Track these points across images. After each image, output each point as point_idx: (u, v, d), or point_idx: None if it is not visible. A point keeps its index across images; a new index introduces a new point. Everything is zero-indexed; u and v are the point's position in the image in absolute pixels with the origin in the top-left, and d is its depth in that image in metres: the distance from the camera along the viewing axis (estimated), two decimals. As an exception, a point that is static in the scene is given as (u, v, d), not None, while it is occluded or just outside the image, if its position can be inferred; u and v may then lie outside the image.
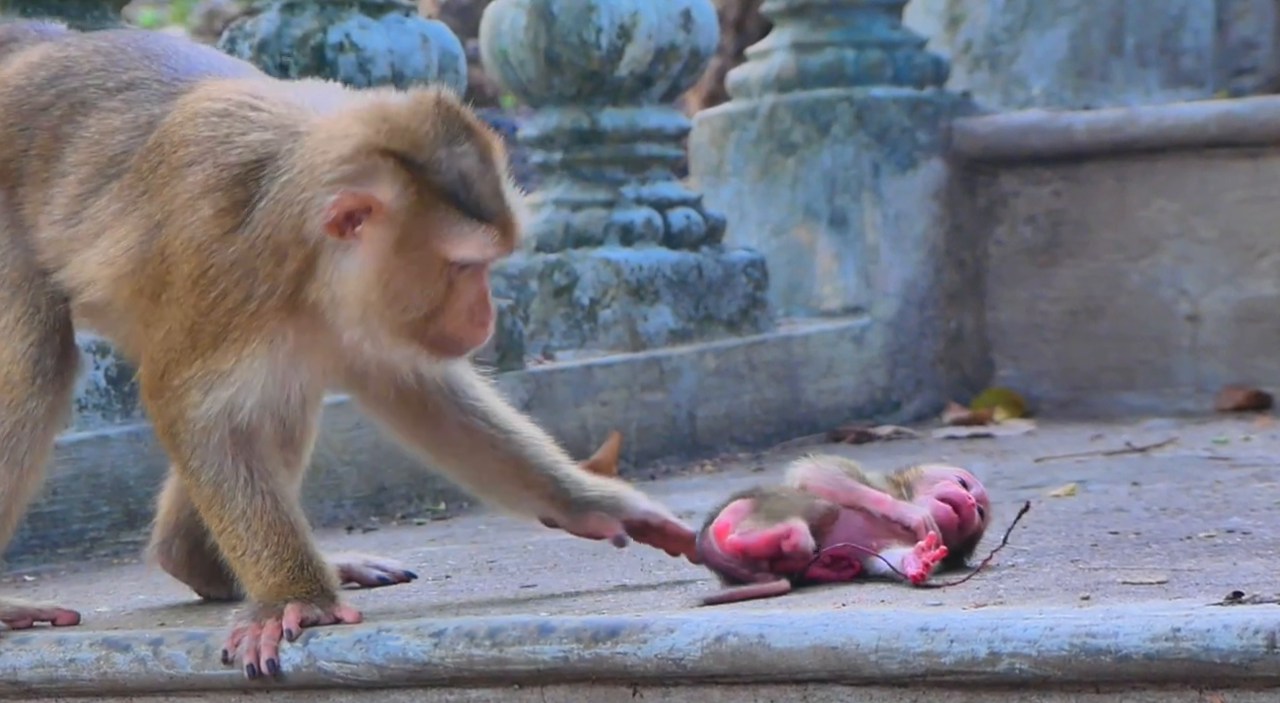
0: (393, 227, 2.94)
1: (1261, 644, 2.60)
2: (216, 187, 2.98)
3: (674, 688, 2.86)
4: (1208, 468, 4.35)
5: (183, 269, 2.99)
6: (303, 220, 2.96)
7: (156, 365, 3.04)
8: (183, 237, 2.99)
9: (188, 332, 3.00)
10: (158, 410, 3.05)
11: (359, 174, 2.94)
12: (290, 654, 3.00)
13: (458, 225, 2.95)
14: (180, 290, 3.00)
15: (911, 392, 5.62)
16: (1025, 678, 2.70)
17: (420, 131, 2.95)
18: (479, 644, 2.93)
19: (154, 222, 3.02)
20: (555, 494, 3.22)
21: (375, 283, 2.95)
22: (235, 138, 3.00)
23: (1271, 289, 5.41)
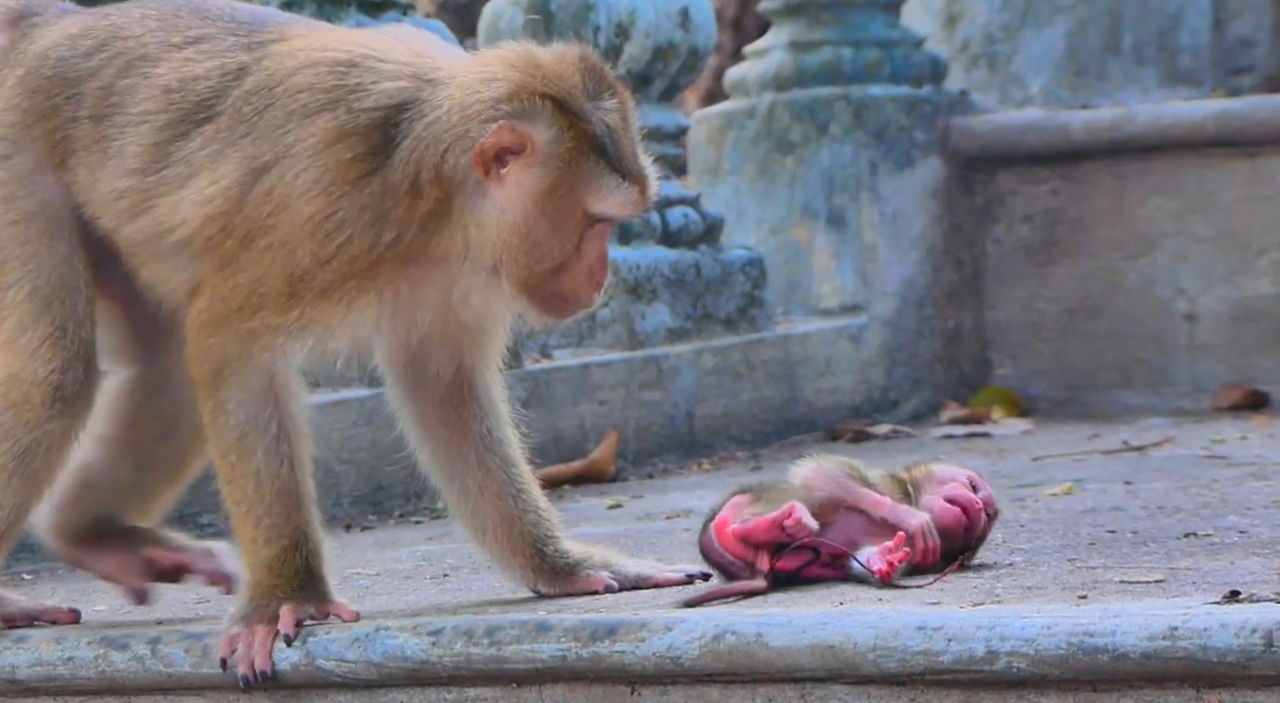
0: (543, 171, 2.94)
1: (1259, 643, 2.60)
2: (353, 131, 2.95)
3: (672, 687, 2.86)
4: (1205, 467, 4.35)
5: (302, 212, 2.95)
6: (446, 159, 2.94)
7: (228, 304, 2.99)
8: (305, 180, 2.96)
9: (289, 279, 2.96)
10: (209, 346, 3.00)
11: (517, 113, 2.93)
12: (288, 653, 3.00)
13: (604, 178, 2.96)
14: (293, 235, 2.96)
15: (909, 390, 5.62)
16: (1023, 677, 2.71)
17: (573, 81, 2.96)
18: (477, 643, 2.93)
19: (260, 163, 2.99)
20: (540, 567, 3.20)
21: (517, 226, 2.95)
22: (369, 86, 2.98)
23: (1269, 288, 5.41)
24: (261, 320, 2.99)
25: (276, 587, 3.01)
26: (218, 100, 3.03)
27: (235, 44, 3.06)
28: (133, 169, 3.05)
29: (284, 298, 2.98)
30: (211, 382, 3.02)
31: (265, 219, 2.98)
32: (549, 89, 2.95)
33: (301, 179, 2.96)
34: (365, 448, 4.55)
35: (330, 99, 2.98)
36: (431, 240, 2.97)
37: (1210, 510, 3.73)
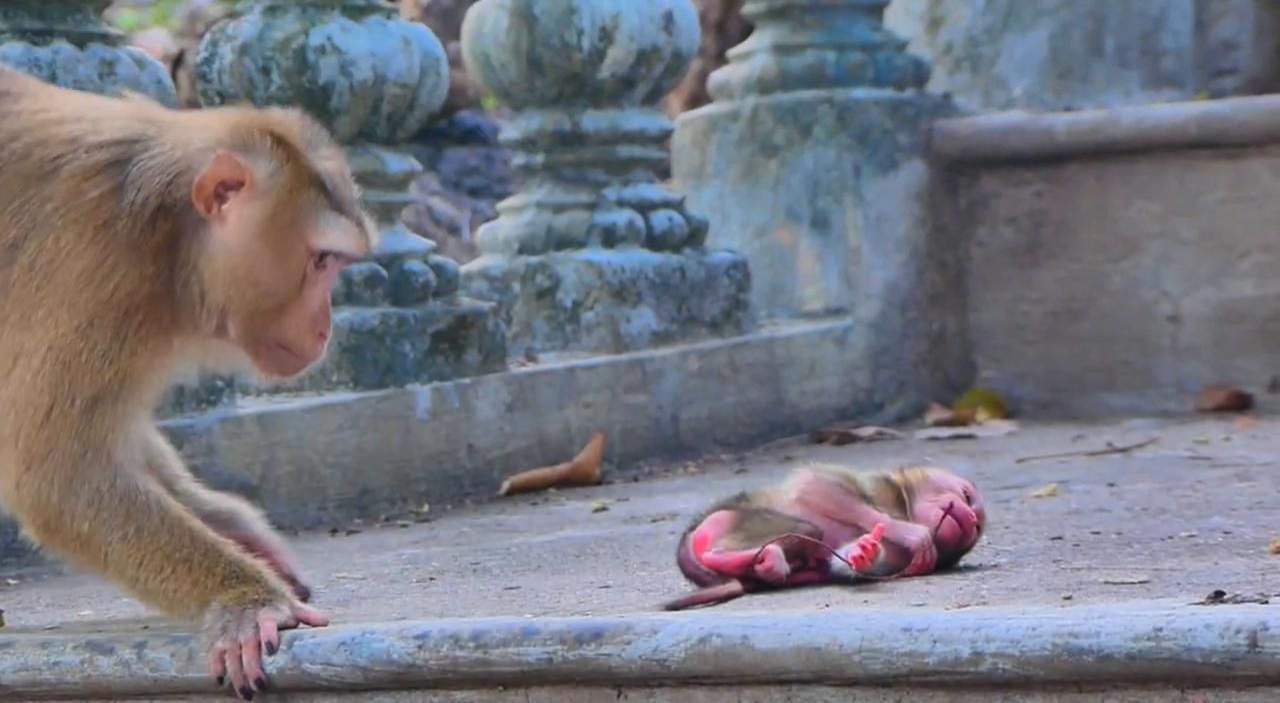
0: (263, 204, 2.96)
1: (1243, 644, 2.61)
2: (93, 171, 2.95)
3: (658, 689, 2.86)
4: (1189, 468, 4.36)
5: (73, 269, 2.93)
6: (170, 191, 2.95)
7: (39, 409, 2.93)
8: (68, 238, 2.94)
9: (81, 332, 2.92)
10: (46, 470, 2.93)
11: (237, 146, 2.96)
12: (274, 658, 3.00)
13: (324, 213, 2.98)
14: (69, 292, 2.93)
15: (894, 393, 5.63)
16: (1008, 678, 2.71)
17: (293, 125, 3.00)
18: (463, 646, 2.93)
19: (11, 237, 2.96)
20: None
21: (238, 263, 2.95)
22: (101, 128, 2.97)
23: (1251, 290, 5.42)
24: (85, 395, 2.93)
25: (240, 597, 2.99)
26: None
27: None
28: None
29: (89, 357, 2.93)
30: (71, 493, 2.95)
31: (36, 293, 2.94)
32: (269, 126, 2.98)
33: (61, 239, 2.94)
34: (351, 452, 4.55)
35: (64, 152, 2.96)
36: (177, 282, 2.97)
37: (1194, 511, 3.73)
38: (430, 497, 4.61)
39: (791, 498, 3.14)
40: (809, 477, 3.15)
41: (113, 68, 4.44)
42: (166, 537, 2.98)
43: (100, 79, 4.46)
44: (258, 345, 3.01)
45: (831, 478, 3.15)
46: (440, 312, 4.75)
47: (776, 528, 3.10)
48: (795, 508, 3.13)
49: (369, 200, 4.81)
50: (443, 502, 4.60)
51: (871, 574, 3.04)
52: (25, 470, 2.96)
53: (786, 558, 3.08)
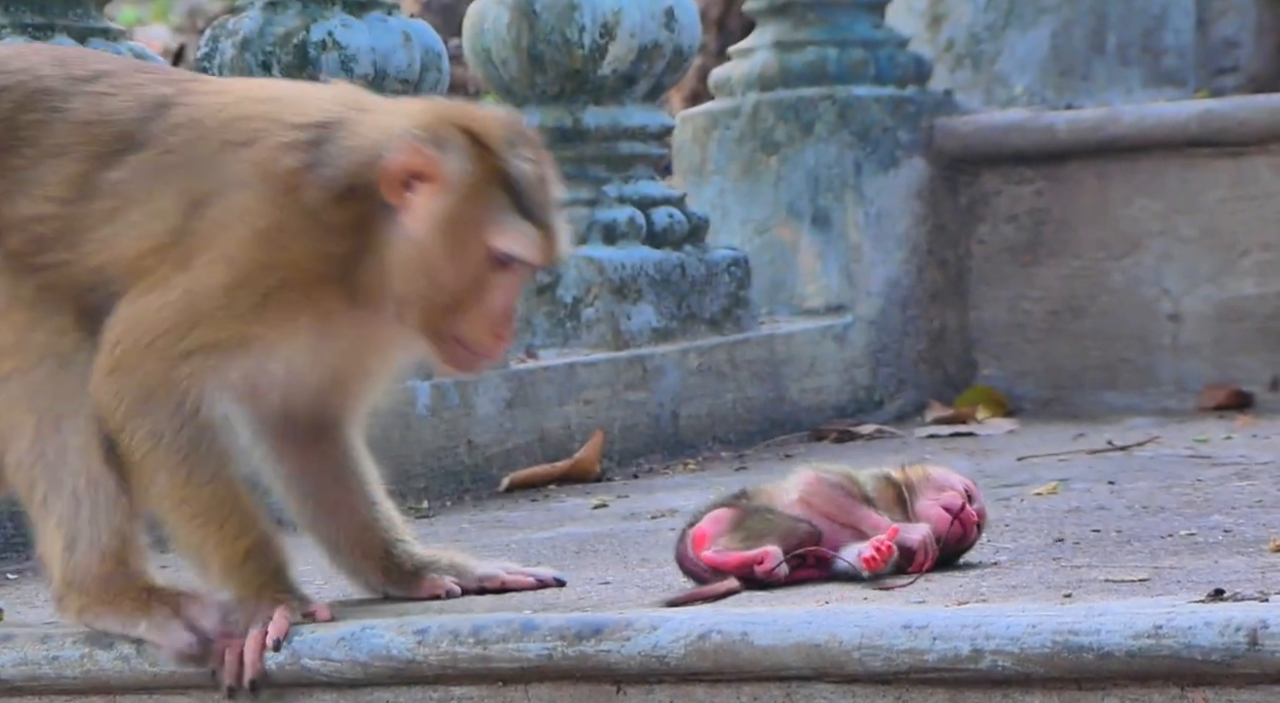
0: (448, 199, 2.95)
1: (1243, 642, 2.61)
2: (290, 146, 2.97)
3: (657, 686, 2.86)
4: (1189, 467, 4.36)
5: (249, 226, 2.95)
6: (361, 174, 2.95)
7: (153, 329, 2.97)
8: (249, 197, 2.96)
9: (228, 288, 2.95)
10: (131, 380, 2.97)
11: (430, 139, 2.95)
12: (274, 654, 3.00)
13: (510, 218, 2.96)
14: (237, 247, 2.95)
15: (894, 391, 5.63)
16: (1008, 675, 2.71)
17: (493, 124, 2.99)
18: (463, 642, 2.93)
19: (200, 194, 2.99)
20: (388, 569, 3.22)
21: (419, 254, 2.95)
22: (300, 109, 3.01)
23: (1252, 288, 5.42)
24: (194, 339, 2.97)
25: (255, 591, 2.99)
26: (140, 130, 3.03)
27: (149, 79, 3.08)
28: (54, 197, 3.04)
29: (221, 310, 2.96)
30: (137, 414, 2.99)
31: (206, 241, 2.98)
32: (466, 123, 2.98)
33: (245, 197, 2.97)
34: (350, 448, 4.54)
35: (265, 125, 3.00)
36: (359, 264, 2.98)
37: (1194, 510, 3.73)
38: (430, 493, 4.61)
39: (793, 498, 3.14)
40: (811, 477, 3.15)
41: (113, 62, 4.43)
42: (210, 492, 2.98)
43: (101, 74, 4.45)
44: (437, 337, 3.00)
45: (833, 478, 3.14)
46: (440, 308, 4.75)
47: (776, 527, 3.09)
48: (796, 507, 3.12)
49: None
50: (442, 498, 4.60)
51: (880, 575, 3.04)
52: (108, 374, 3.00)
53: (786, 556, 3.08)
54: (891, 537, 3.05)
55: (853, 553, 3.07)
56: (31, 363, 3.03)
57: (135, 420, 2.99)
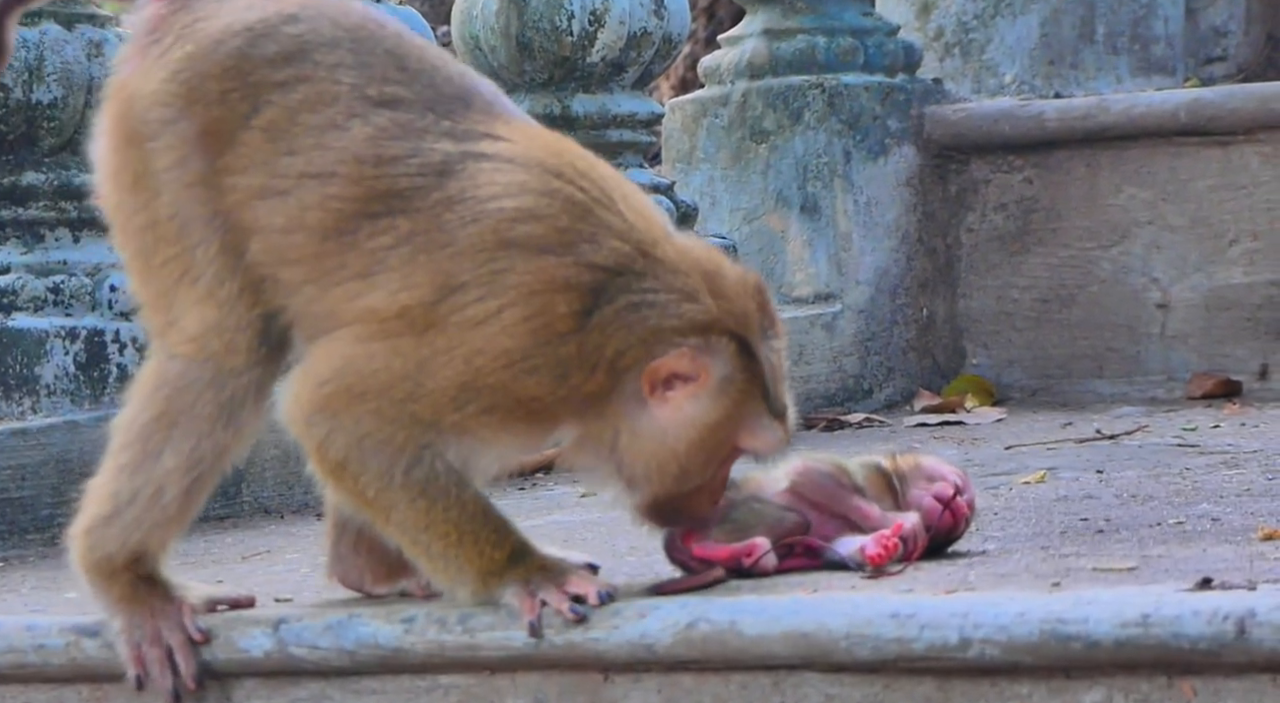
0: (710, 405, 2.92)
1: (1231, 630, 2.61)
2: (576, 286, 2.88)
3: (645, 674, 2.86)
4: (1177, 455, 4.36)
5: (499, 342, 2.88)
6: (625, 354, 2.90)
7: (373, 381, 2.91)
8: (513, 315, 2.88)
9: (461, 388, 2.89)
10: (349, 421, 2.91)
11: (701, 346, 2.90)
12: (260, 640, 2.99)
13: (761, 418, 2.96)
14: (480, 356, 2.88)
15: (883, 379, 5.63)
16: (996, 664, 2.71)
17: (752, 319, 2.95)
18: (450, 630, 2.93)
19: (457, 282, 2.90)
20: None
21: (671, 451, 2.92)
22: (599, 239, 2.90)
23: (1241, 277, 5.42)
24: (412, 411, 2.92)
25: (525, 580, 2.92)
26: (415, 195, 2.92)
27: (437, 128, 2.95)
28: (309, 224, 2.94)
29: (446, 401, 2.90)
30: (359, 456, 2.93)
31: (452, 327, 2.90)
32: (736, 328, 2.92)
33: (509, 313, 2.89)
34: (338, 435, 4.53)
35: (559, 243, 2.89)
36: (588, 419, 2.94)
37: (1182, 498, 3.73)
38: (418, 481, 4.60)
39: (783, 488, 3.13)
40: (801, 466, 3.14)
41: (100, 49, 4.43)
42: (456, 514, 2.93)
43: (88, 60, 4.45)
44: (658, 512, 3.00)
45: (824, 468, 3.14)
46: (429, 295, 4.74)
47: (764, 518, 3.09)
48: (785, 497, 3.12)
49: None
50: (430, 486, 4.59)
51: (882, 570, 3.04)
52: (313, 410, 2.95)
53: (774, 546, 3.08)
54: (896, 532, 3.04)
55: (851, 546, 3.06)
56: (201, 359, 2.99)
57: (359, 462, 2.93)
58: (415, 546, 2.95)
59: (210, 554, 3.96)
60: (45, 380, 4.29)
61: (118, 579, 3.04)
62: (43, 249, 4.41)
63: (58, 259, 4.41)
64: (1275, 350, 5.35)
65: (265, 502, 4.44)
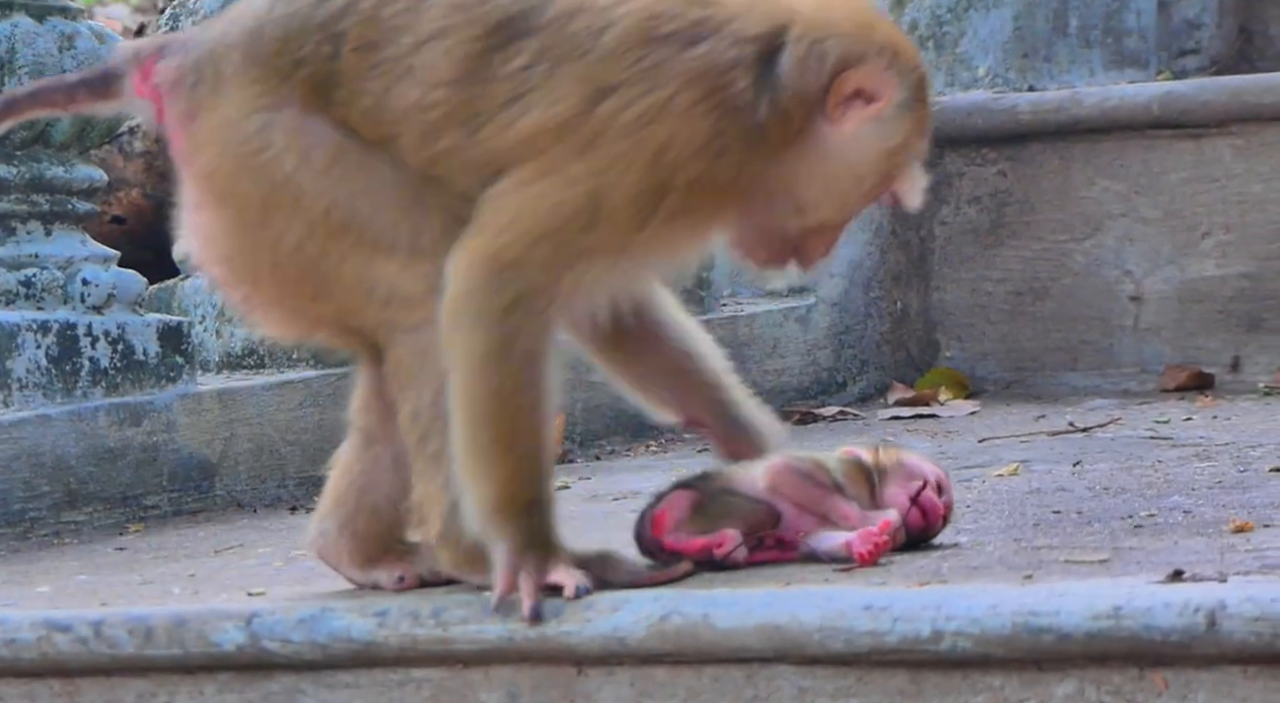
0: (884, 128, 2.93)
1: (1202, 622, 2.62)
2: (741, 61, 2.88)
3: (618, 667, 2.86)
4: (1149, 448, 4.37)
5: (681, 130, 2.84)
6: (809, 94, 2.89)
7: (543, 223, 2.85)
8: (685, 99, 2.85)
9: (638, 195, 2.84)
10: (505, 276, 2.84)
11: (890, 61, 2.92)
12: (232, 634, 2.99)
13: (916, 166, 2.98)
14: (662, 151, 2.85)
15: (856, 372, 5.63)
16: (968, 656, 2.71)
17: (925, 69, 2.98)
18: (423, 624, 2.92)
19: (607, 84, 2.86)
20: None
21: (838, 170, 2.92)
22: (739, 16, 2.90)
23: (1213, 270, 5.43)
24: (589, 242, 2.86)
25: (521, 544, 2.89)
26: (531, 15, 2.91)
27: None
28: (445, 81, 2.91)
29: (624, 216, 2.87)
30: (504, 311, 2.86)
31: (619, 132, 2.87)
32: (918, 61, 2.96)
33: (682, 99, 2.86)
34: (311, 429, 4.53)
35: (705, 29, 2.90)
36: (770, 174, 2.92)
37: (1155, 491, 3.74)
38: (391, 474, 4.59)
39: (761, 486, 3.13)
40: (781, 465, 3.13)
41: (72, 41, 4.42)
42: (510, 424, 2.87)
43: (60, 53, 4.43)
44: (783, 242, 2.98)
45: (803, 467, 3.13)
46: (402, 289, 4.74)
47: (735, 510, 3.09)
48: (762, 493, 3.12)
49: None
50: (404, 479, 4.59)
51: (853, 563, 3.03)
52: (487, 258, 2.87)
53: (746, 537, 3.08)
54: (884, 529, 3.04)
55: (833, 541, 3.06)
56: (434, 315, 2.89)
57: (489, 318, 2.84)
58: (468, 425, 2.86)
59: (183, 548, 3.96)
60: (17, 374, 4.28)
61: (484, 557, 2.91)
62: (14, 242, 4.40)
63: (29, 253, 4.39)
64: (1247, 343, 5.37)
65: (238, 496, 4.44)
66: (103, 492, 4.28)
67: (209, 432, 4.40)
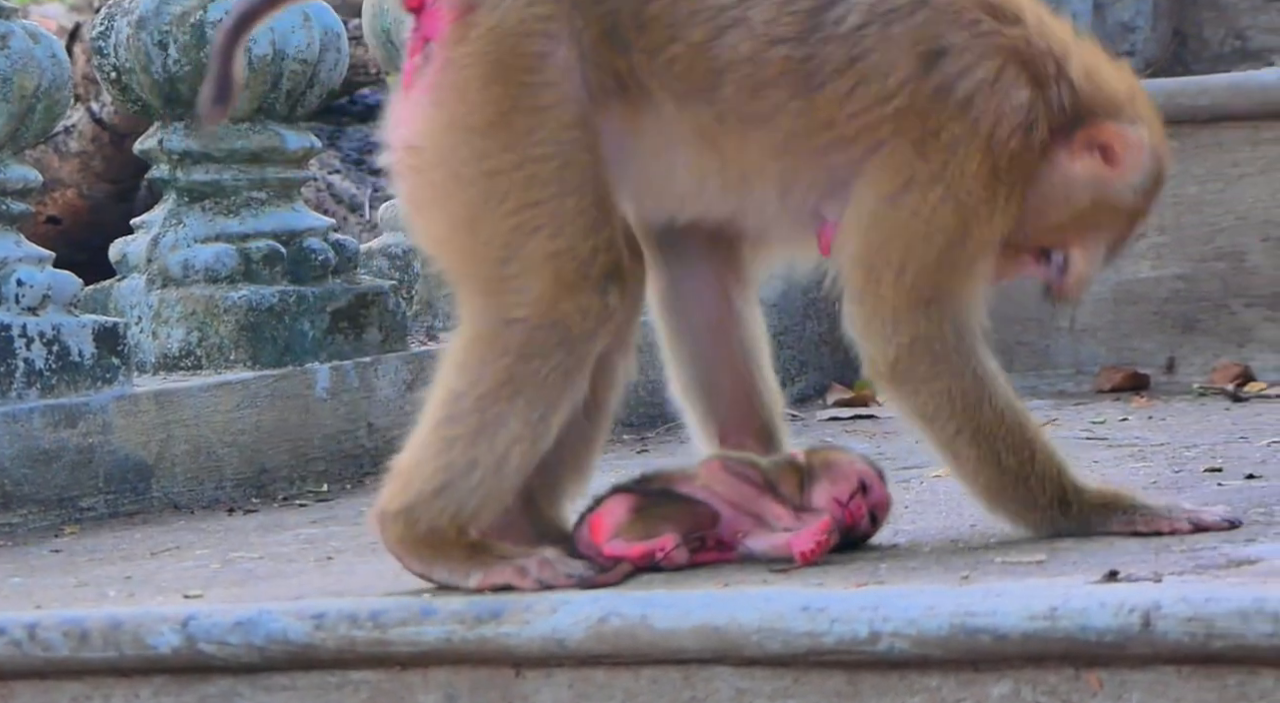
0: (1103, 192, 3.04)
1: (1136, 623, 2.63)
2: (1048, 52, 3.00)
3: (557, 669, 2.86)
4: (1086, 448, 4.39)
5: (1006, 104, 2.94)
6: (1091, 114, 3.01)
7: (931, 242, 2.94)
8: (1008, 73, 2.97)
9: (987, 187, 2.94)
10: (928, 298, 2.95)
11: (1144, 138, 3.05)
12: (169, 637, 2.97)
13: (1104, 246, 3.14)
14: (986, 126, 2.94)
15: (795, 373, 5.64)
16: (905, 657, 2.72)
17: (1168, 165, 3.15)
18: (361, 626, 2.92)
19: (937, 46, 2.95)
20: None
21: (1046, 198, 3.02)
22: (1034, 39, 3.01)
23: (1148, 271, 5.47)
24: (972, 244, 2.96)
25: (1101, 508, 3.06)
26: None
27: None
28: (784, 37, 2.90)
29: (985, 204, 2.98)
30: (928, 354, 2.97)
31: (955, 108, 2.94)
32: (1167, 155, 3.10)
33: (1008, 71, 2.97)
34: (249, 430, 4.51)
35: (1019, 15, 2.99)
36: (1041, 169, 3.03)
37: (1091, 491, 3.75)
38: (329, 476, 4.59)
39: (697, 485, 3.14)
40: (716, 464, 3.15)
41: (6, 41, 4.38)
42: (1004, 445, 3.02)
43: (-6, 52, 4.40)
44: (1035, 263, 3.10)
45: (737, 467, 3.14)
46: (340, 290, 4.72)
47: (673, 513, 3.09)
48: (698, 493, 3.13)
49: (267, 178, 4.79)
50: (342, 481, 4.58)
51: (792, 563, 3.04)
52: (909, 308, 2.96)
53: (686, 539, 3.08)
54: (824, 528, 3.05)
55: (774, 541, 3.07)
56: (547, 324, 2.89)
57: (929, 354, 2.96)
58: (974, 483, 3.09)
59: (119, 550, 3.94)
60: (-49, 376, 4.25)
61: (454, 545, 2.93)
62: (-52, 243, 4.37)
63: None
64: (1182, 344, 5.40)
65: (175, 497, 4.42)
66: (37, 494, 4.26)
67: (145, 433, 4.38)
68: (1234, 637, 2.58)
